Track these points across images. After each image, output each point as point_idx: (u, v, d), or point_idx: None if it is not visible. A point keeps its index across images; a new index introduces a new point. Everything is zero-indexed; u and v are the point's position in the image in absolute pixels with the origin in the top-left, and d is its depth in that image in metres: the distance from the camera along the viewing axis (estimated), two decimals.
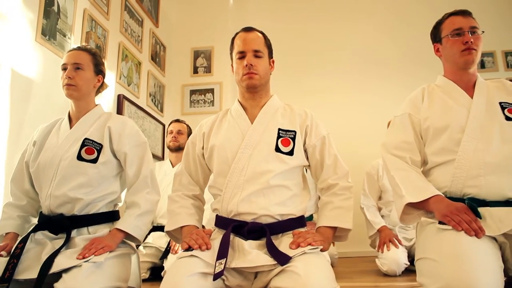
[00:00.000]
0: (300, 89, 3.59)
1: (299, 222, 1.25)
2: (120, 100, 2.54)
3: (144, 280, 2.02)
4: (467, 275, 0.91)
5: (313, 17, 3.77)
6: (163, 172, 2.43)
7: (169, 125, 2.53)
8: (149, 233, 2.22)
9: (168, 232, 1.33)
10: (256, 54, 1.27)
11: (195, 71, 3.48)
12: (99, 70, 1.44)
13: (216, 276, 1.01)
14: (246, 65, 1.26)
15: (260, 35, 1.33)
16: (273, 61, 1.37)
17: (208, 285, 1.02)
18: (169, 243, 2.10)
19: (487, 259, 0.96)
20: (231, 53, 1.36)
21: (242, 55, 1.28)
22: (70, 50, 1.42)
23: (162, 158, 3.09)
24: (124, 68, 2.64)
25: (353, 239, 2.91)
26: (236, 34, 1.34)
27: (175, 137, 2.42)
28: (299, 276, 0.98)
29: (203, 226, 1.97)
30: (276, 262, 1.04)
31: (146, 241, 2.16)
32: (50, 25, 1.92)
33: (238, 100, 1.37)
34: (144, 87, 2.95)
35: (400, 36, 3.59)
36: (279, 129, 1.27)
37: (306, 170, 1.36)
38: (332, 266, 2.57)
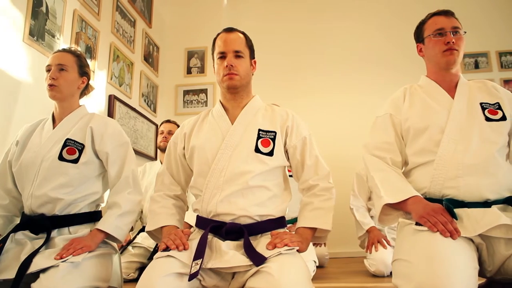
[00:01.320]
0: (295, 88, 3.58)
1: (278, 222, 1.25)
2: (111, 101, 2.54)
3: (132, 280, 2.02)
4: (438, 276, 0.91)
5: (307, 18, 3.77)
6: (154, 172, 2.43)
7: (160, 125, 2.54)
8: (138, 233, 2.23)
9: (149, 232, 1.33)
10: (237, 54, 1.28)
11: (189, 71, 3.48)
12: (84, 72, 1.45)
13: (192, 276, 1.01)
14: (227, 65, 1.26)
15: (241, 35, 1.33)
16: (254, 62, 1.37)
17: (183, 285, 1.02)
18: (157, 244, 2.10)
19: (460, 260, 0.96)
20: (212, 54, 1.36)
21: (222, 55, 1.28)
22: (55, 52, 1.43)
23: (155, 159, 3.10)
24: (116, 69, 2.64)
25: (344, 240, 2.92)
26: (218, 34, 1.35)
27: (165, 137, 2.43)
28: (272, 277, 0.98)
29: (190, 226, 1.98)
30: (252, 263, 1.04)
31: (135, 241, 2.17)
32: (38, 25, 1.93)
33: (220, 101, 1.37)
34: (137, 87, 2.95)
35: (397, 35, 3.56)
36: (259, 130, 1.27)
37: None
38: (323, 267, 2.59)
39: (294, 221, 2.27)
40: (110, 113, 2.53)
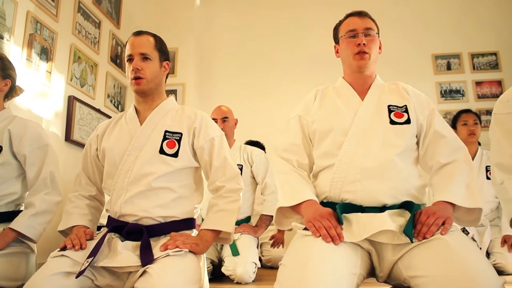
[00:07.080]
0: (266, 85, 3.59)
1: (184, 224, 1.26)
2: (71, 102, 2.57)
3: None
4: (306, 282, 0.89)
5: (280, 18, 3.76)
6: None
7: None
8: None
9: (61, 232, 1.35)
10: (144, 57, 1.29)
11: None
12: (7, 75, 1.48)
13: (78, 274, 1.03)
14: (133, 69, 1.27)
15: (150, 38, 1.33)
16: (167, 64, 1.38)
17: (70, 283, 1.04)
18: None
19: (335, 266, 0.94)
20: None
21: (130, 58, 1.30)
22: None
23: None
24: (77, 70, 2.67)
25: None
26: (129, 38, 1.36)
27: None
28: (151, 278, 1.00)
29: None
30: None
31: None
32: None
33: (134, 104, 1.38)
34: (101, 88, 2.98)
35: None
36: (166, 131, 1.28)
37: None
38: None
39: (243, 221, 2.27)
40: (69, 114, 2.56)
